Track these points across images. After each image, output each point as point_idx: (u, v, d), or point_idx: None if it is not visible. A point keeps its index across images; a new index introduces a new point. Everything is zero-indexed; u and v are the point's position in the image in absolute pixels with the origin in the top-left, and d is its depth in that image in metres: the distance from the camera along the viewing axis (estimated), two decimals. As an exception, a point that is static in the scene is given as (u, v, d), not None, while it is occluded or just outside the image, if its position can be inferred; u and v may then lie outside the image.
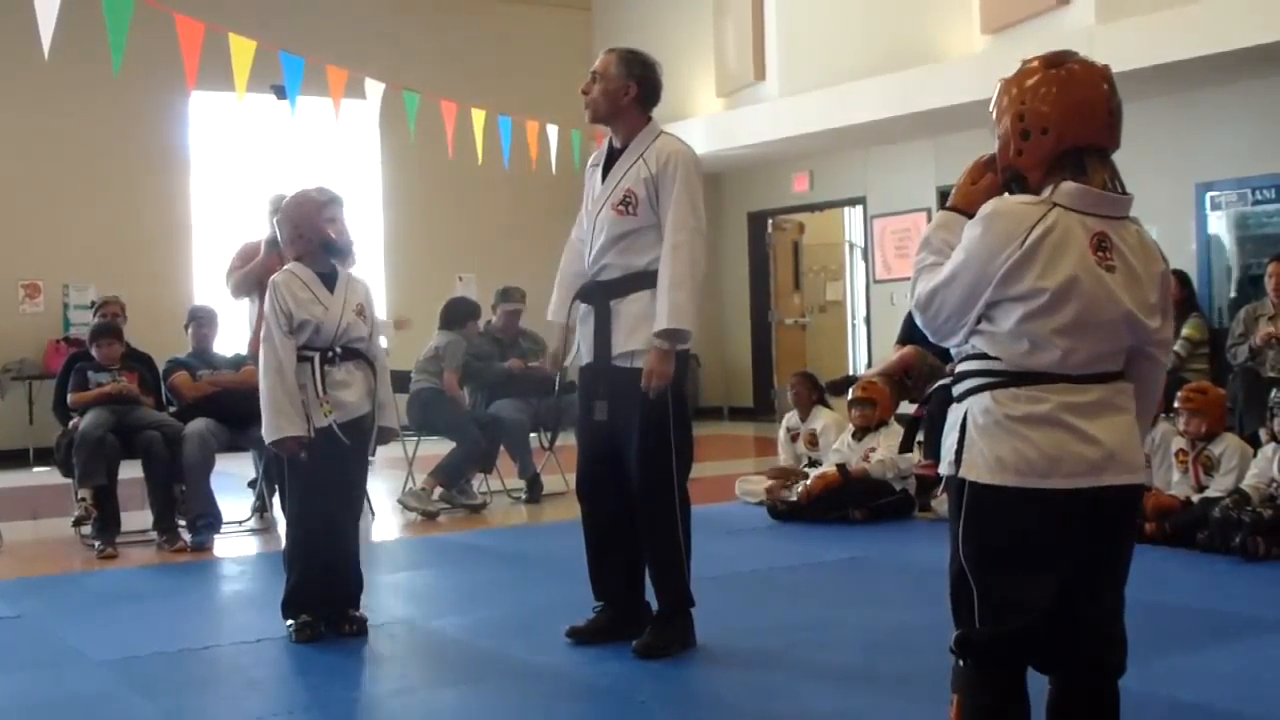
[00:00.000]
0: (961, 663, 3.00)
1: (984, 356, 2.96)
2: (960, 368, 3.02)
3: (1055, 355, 2.88)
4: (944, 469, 3.05)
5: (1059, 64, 2.99)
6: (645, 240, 5.02)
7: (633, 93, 5.14)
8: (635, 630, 5.06)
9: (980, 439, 2.94)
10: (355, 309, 5.52)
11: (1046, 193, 2.92)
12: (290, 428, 5.31)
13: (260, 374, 5.42)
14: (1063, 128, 2.93)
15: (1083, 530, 2.93)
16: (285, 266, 5.59)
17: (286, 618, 5.49)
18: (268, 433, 5.36)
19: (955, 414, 3.02)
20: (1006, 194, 3.02)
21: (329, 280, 5.52)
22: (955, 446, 2.99)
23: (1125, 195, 2.97)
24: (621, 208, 5.02)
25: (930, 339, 3.13)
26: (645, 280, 5.01)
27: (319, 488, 5.41)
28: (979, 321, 2.95)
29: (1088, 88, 2.96)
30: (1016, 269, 2.86)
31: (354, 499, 5.72)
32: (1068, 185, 2.90)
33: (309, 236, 5.49)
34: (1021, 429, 2.89)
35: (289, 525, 5.67)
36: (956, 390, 3.02)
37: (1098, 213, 2.91)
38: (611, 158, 5.18)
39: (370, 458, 5.72)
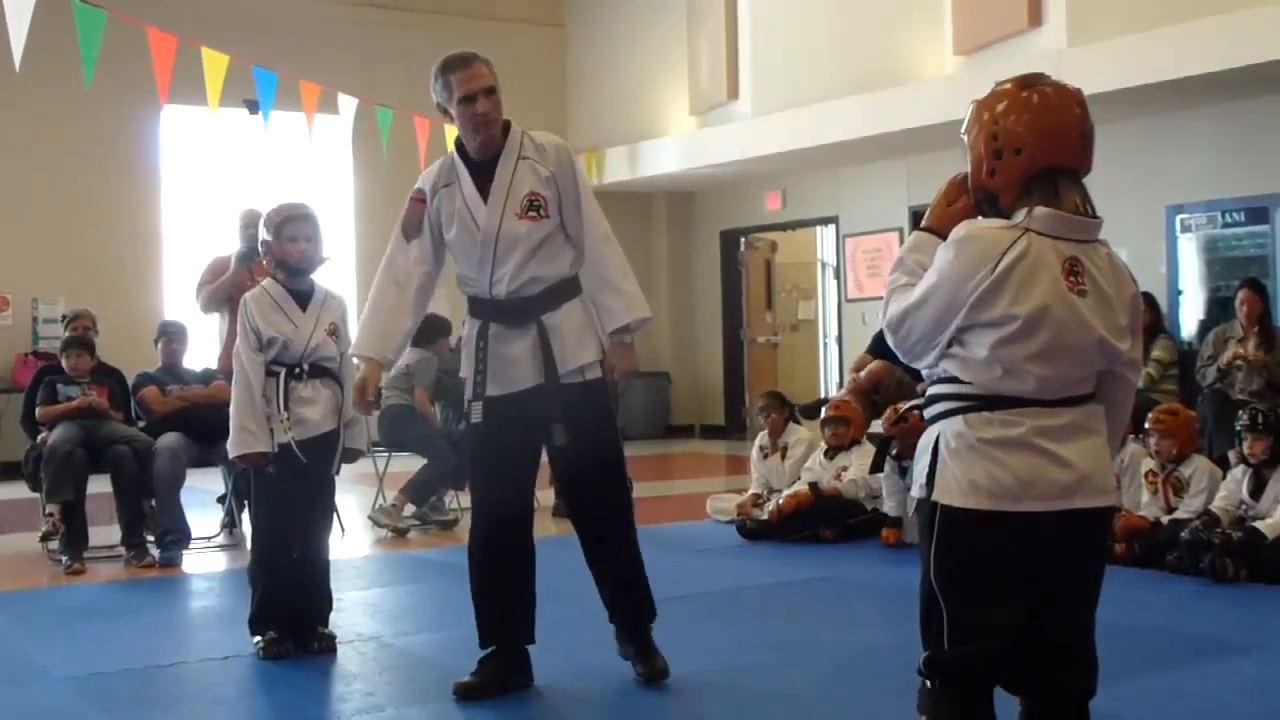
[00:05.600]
0: (929, 683, 3.00)
1: (955, 380, 2.96)
2: (932, 390, 3.03)
3: (1029, 381, 2.89)
4: (915, 491, 3.06)
5: (1032, 85, 3.00)
6: (560, 244, 4.78)
7: (500, 92, 4.86)
8: (522, 678, 4.84)
9: (953, 462, 2.94)
10: (328, 328, 5.52)
11: (1019, 217, 2.92)
12: (254, 443, 5.33)
13: (232, 388, 5.47)
14: (1036, 148, 2.94)
15: (1054, 553, 2.94)
16: (261, 283, 5.63)
17: (253, 634, 5.47)
18: (232, 446, 5.39)
19: (927, 437, 3.02)
20: (979, 216, 3.03)
21: (303, 298, 5.53)
22: (927, 469, 2.99)
23: (1096, 219, 2.98)
24: (533, 214, 4.70)
25: (901, 359, 3.13)
26: (571, 288, 4.81)
27: (282, 503, 5.43)
28: (950, 345, 2.95)
29: (1061, 110, 2.97)
30: (988, 295, 2.87)
31: (321, 516, 5.68)
32: (1040, 210, 2.91)
33: (273, 252, 5.52)
34: (994, 452, 2.90)
35: (253, 540, 5.71)
36: (929, 413, 3.03)
37: (1070, 237, 2.92)
38: (478, 170, 4.78)
39: (334, 474, 5.67)
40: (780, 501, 8.35)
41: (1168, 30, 10.35)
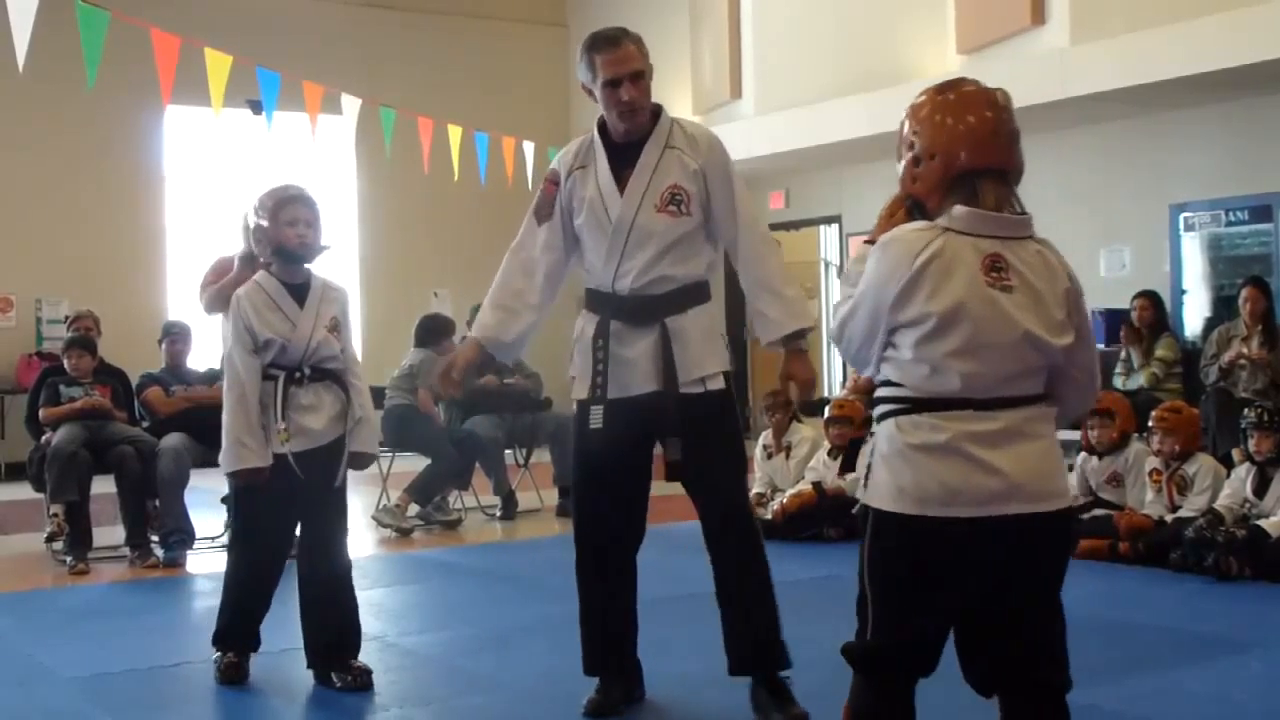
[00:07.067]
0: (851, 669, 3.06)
1: (891, 383, 2.98)
2: (876, 393, 3.06)
3: (953, 379, 2.89)
4: (857, 491, 3.08)
5: (946, 90, 3.03)
6: (699, 244, 4.39)
7: (652, 76, 4.44)
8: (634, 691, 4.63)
9: (883, 466, 2.96)
10: (328, 323, 4.96)
11: (941, 219, 2.95)
12: (251, 458, 4.85)
13: (224, 396, 4.95)
14: (949, 153, 2.96)
15: (989, 557, 2.92)
16: (253, 276, 5.10)
17: (216, 648, 5.16)
18: (225, 462, 4.91)
19: (870, 440, 3.06)
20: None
21: (299, 292, 4.97)
22: (866, 471, 3.03)
23: (1022, 215, 2.98)
24: (673, 209, 4.31)
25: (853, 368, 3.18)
26: (702, 292, 4.42)
27: (273, 521, 5.00)
28: (885, 349, 2.98)
29: (972, 112, 2.98)
30: (906, 294, 2.89)
31: (333, 534, 5.09)
32: (957, 209, 2.93)
33: (269, 238, 4.95)
34: (920, 459, 2.90)
35: (231, 554, 5.28)
36: (875, 415, 3.05)
37: (990, 234, 2.92)
38: (619, 155, 4.40)
39: (339, 485, 5.07)
40: (784, 501, 8.35)
41: (1171, 28, 10.35)
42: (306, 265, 5.04)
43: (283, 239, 4.92)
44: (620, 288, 4.38)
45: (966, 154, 2.95)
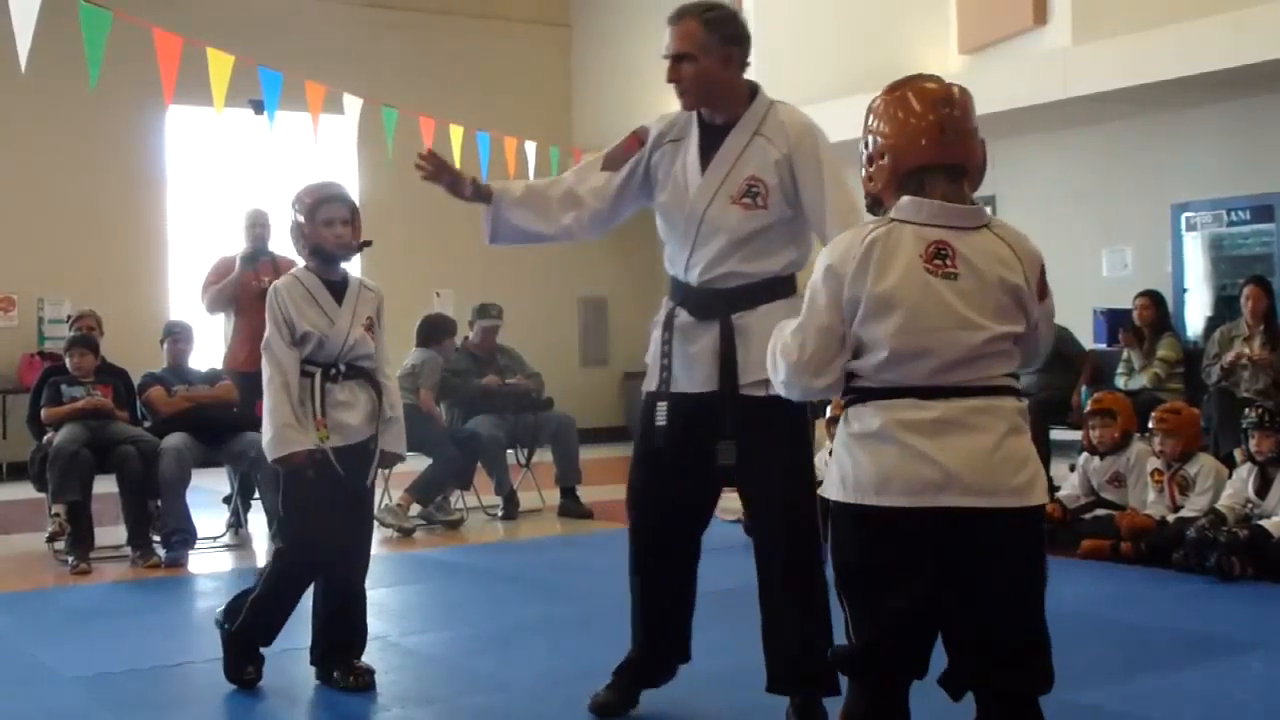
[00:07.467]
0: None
1: (854, 375, 3.00)
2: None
3: (896, 365, 2.90)
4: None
5: (899, 88, 3.04)
6: (778, 238, 4.14)
7: (735, 60, 4.19)
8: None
9: (832, 456, 3.03)
10: (365, 322, 4.97)
11: (889, 212, 2.98)
12: (303, 440, 4.76)
13: (264, 387, 4.84)
14: (896, 150, 2.98)
15: (938, 551, 2.90)
16: (291, 270, 5.11)
17: (238, 653, 5.00)
18: (274, 448, 4.77)
19: None
20: (870, 219, 3.06)
21: (337, 289, 4.96)
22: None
23: (970, 206, 2.97)
24: (748, 200, 4.08)
25: (800, 395, 3.12)
26: (778, 288, 4.13)
27: (315, 516, 4.84)
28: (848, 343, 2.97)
29: (917, 110, 2.98)
30: (857, 277, 2.90)
31: (358, 537, 5.04)
32: (903, 199, 2.95)
33: (306, 237, 4.92)
34: (856, 447, 2.94)
35: (278, 561, 5.04)
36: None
37: (935, 223, 2.92)
38: (709, 136, 4.21)
39: (370, 484, 5.08)
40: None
41: (1173, 28, 10.35)
42: (344, 264, 5.04)
43: (320, 239, 4.90)
44: (690, 277, 4.21)
45: (913, 152, 2.96)
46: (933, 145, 2.96)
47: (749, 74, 4.35)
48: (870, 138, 3.03)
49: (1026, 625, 2.94)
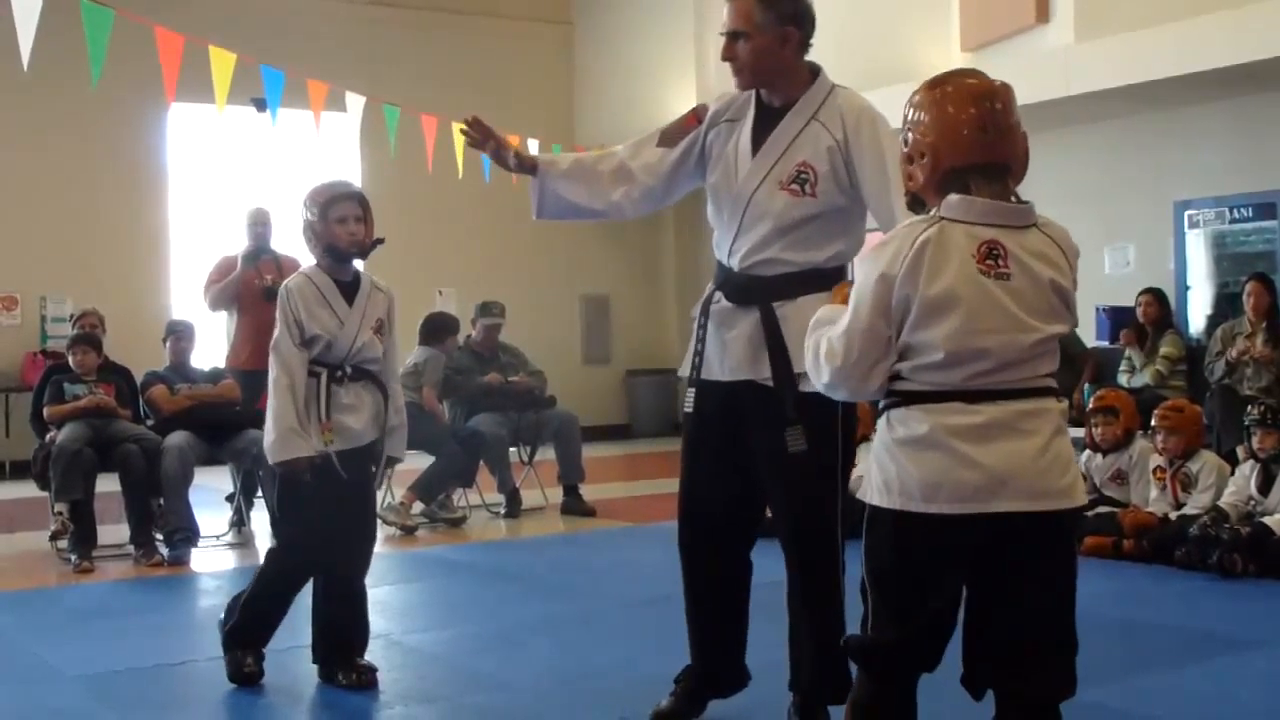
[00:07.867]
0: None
1: (897, 377, 2.93)
2: None
3: (950, 368, 2.84)
4: (860, 488, 3.08)
5: (940, 84, 2.95)
6: (826, 228, 3.97)
7: (794, 40, 4.07)
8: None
9: (874, 461, 2.95)
10: (374, 325, 4.93)
11: (937, 210, 2.91)
12: (304, 446, 4.72)
13: (270, 387, 4.82)
14: (937, 150, 2.90)
15: (981, 556, 2.89)
16: (301, 269, 5.05)
17: (230, 647, 5.02)
18: (275, 452, 4.74)
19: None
20: (911, 219, 3.01)
21: (348, 289, 4.92)
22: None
23: (1022, 205, 2.92)
24: (795, 187, 3.93)
25: (846, 397, 3.09)
26: (822, 279, 3.91)
27: (314, 519, 4.83)
28: (894, 347, 2.91)
29: (958, 107, 2.90)
30: (908, 277, 2.83)
31: (361, 538, 5.03)
32: (951, 197, 2.88)
33: (318, 236, 4.88)
34: (902, 453, 2.87)
35: (272, 560, 5.05)
36: (878, 411, 3.04)
37: (987, 222, 2.87)
38: (765, 118, 4.07)
39: (376, 487, 5.12)
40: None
41: (1176, 26, 10.35)
42: (356, 263, 5.00)
43: (333, 237, 4.86)
44: (732, 261, 4.09)
45: (954, 152, 2.89)
46: (976, 144, 2.88)
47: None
48: (909, 134, 2.95)
49: (1059, 626, 2.93)
